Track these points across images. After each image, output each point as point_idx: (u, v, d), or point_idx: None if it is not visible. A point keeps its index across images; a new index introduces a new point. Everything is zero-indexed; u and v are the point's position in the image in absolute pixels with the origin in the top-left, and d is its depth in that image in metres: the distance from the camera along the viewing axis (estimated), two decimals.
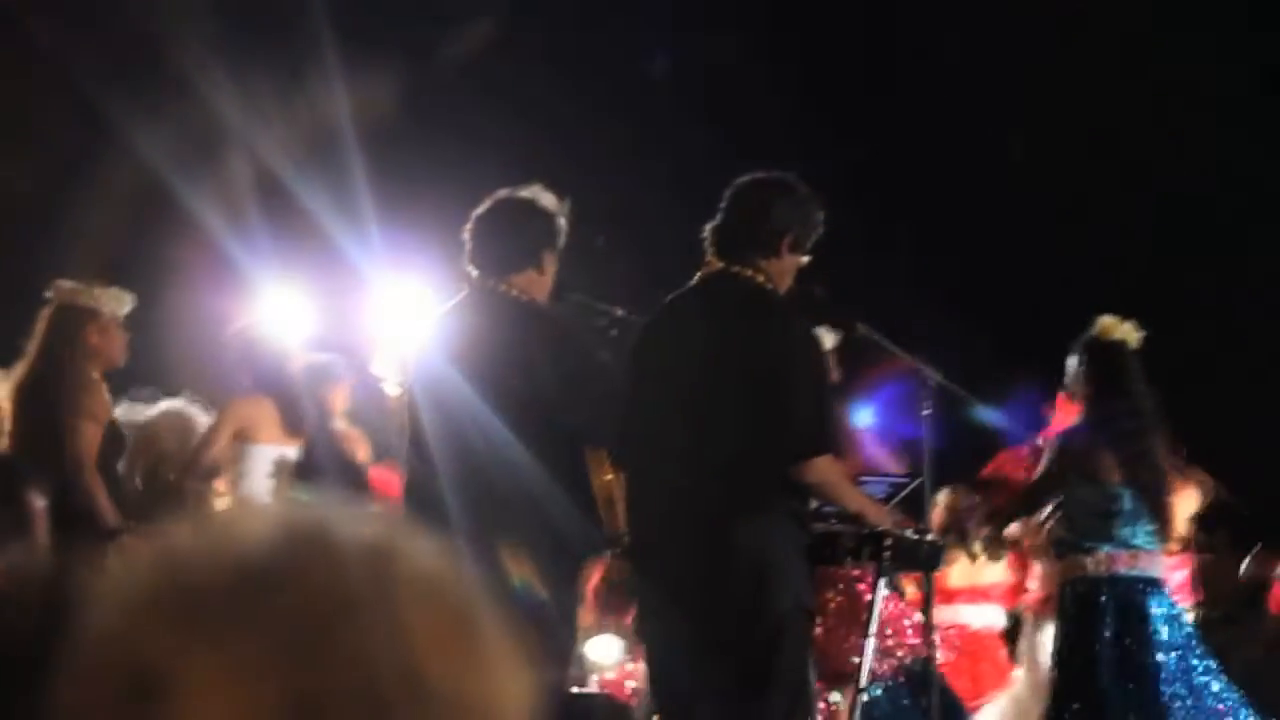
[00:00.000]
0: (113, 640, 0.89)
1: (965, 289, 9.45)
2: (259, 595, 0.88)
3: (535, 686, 0.95)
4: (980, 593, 8.32)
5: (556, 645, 4.58)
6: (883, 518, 4.56)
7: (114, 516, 5.60)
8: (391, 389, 6.56)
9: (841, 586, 5.60)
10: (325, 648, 0.87)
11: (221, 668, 0.86)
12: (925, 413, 4.82)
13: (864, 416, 5.52)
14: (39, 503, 4.87)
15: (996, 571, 8.30)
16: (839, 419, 4.66)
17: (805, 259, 4.66)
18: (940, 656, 5.81)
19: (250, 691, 0.85)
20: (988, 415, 6.25)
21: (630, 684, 6.53)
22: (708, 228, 4.65)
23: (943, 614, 8.34)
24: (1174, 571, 6.69)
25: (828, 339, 6.11)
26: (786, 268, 4.60)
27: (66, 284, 5.93)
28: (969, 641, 8.16)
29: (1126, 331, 6.10)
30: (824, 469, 4.38)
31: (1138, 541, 5.93)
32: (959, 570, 8.33)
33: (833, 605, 5.51)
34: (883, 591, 4.69)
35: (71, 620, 0.93)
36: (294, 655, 0.86)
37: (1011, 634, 8.34)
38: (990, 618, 8.32)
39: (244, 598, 0.88)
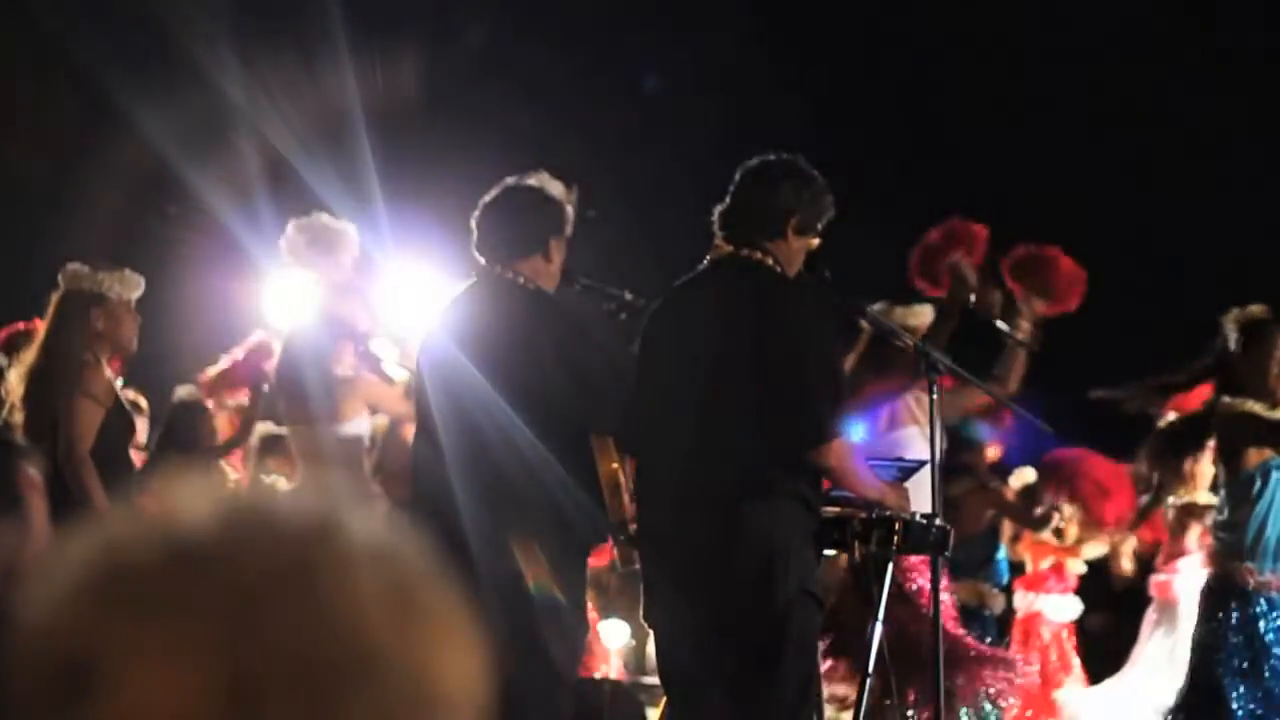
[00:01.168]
0: (46, 626, 0.87)
1: None
2: (194, 575, 0.86)
3: (488, 661, 0.93)
4: (1040, 579, 7.79)
5: (563, 632, 4.57)
6: (903, 502, 4.53)
7: (103, 498, 5.58)
8: (397, 374, 6.55)
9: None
10: (264, 626, 0.85)
11: (156, 650, 0.84)
12: (933, 398, 4.78)
13: (857, 432, 5.32)
14: (36, 481, 4.88)
15: (1065, 554, 7.80)
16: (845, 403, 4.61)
17: (814, 241, 4.63)
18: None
19: (187, 673, 0.84)
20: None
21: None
22: (716, 211, 4.64)
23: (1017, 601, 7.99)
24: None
25: (925, 314, 6.00)
26: (794, 250, 4.58)
27: (74, 267, 5.91)
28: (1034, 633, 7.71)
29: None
30: (841, 453, 4.37)
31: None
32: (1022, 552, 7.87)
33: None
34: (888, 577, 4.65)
35: None
36: (231, 635, 0.84)
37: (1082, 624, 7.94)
38: (1040, 604, 7.81)
39: (178, 579, 0.86)
